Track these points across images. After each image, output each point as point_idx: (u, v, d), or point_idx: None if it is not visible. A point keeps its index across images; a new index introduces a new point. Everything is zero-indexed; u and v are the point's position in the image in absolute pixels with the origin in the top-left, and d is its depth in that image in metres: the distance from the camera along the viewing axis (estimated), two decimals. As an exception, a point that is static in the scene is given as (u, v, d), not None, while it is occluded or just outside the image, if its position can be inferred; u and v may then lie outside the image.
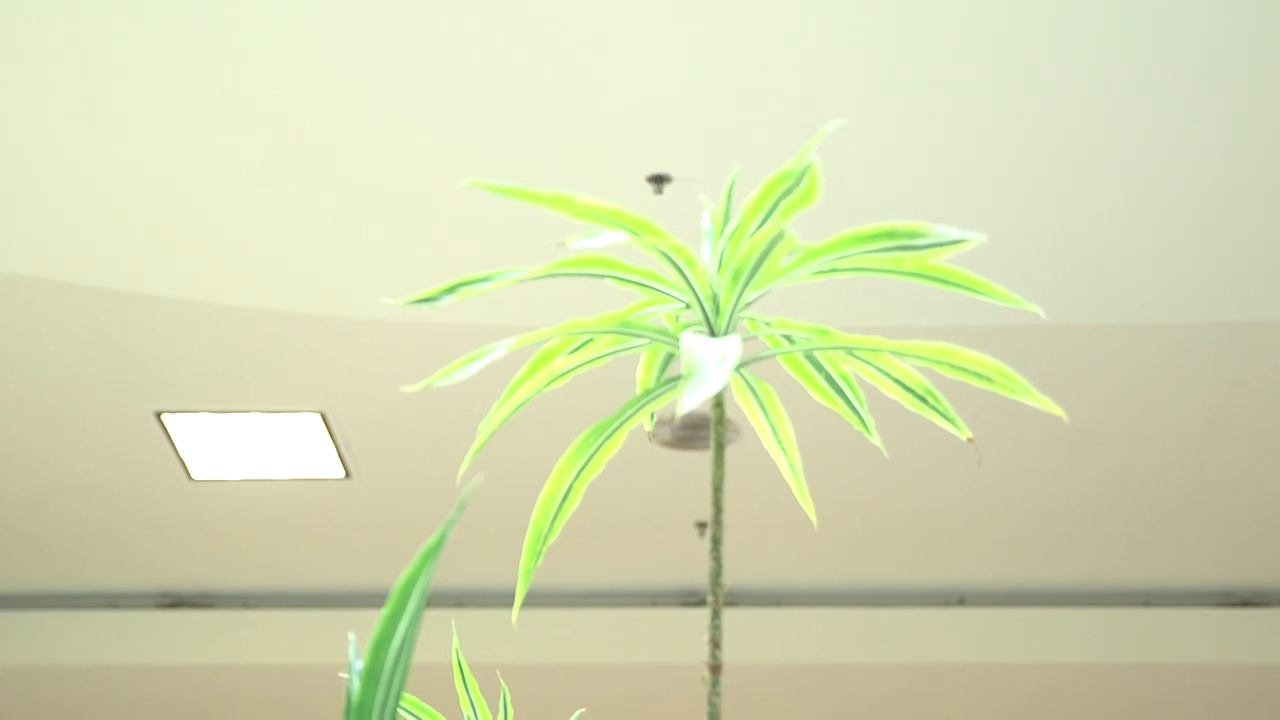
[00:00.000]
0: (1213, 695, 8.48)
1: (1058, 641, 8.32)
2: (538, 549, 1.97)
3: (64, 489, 7.74)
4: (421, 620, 1.45)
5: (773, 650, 8.41)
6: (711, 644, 1.88)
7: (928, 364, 1.72)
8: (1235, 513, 7.73)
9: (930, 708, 8.72)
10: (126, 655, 8.49)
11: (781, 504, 7.55)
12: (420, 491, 7.66)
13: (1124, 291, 6.47)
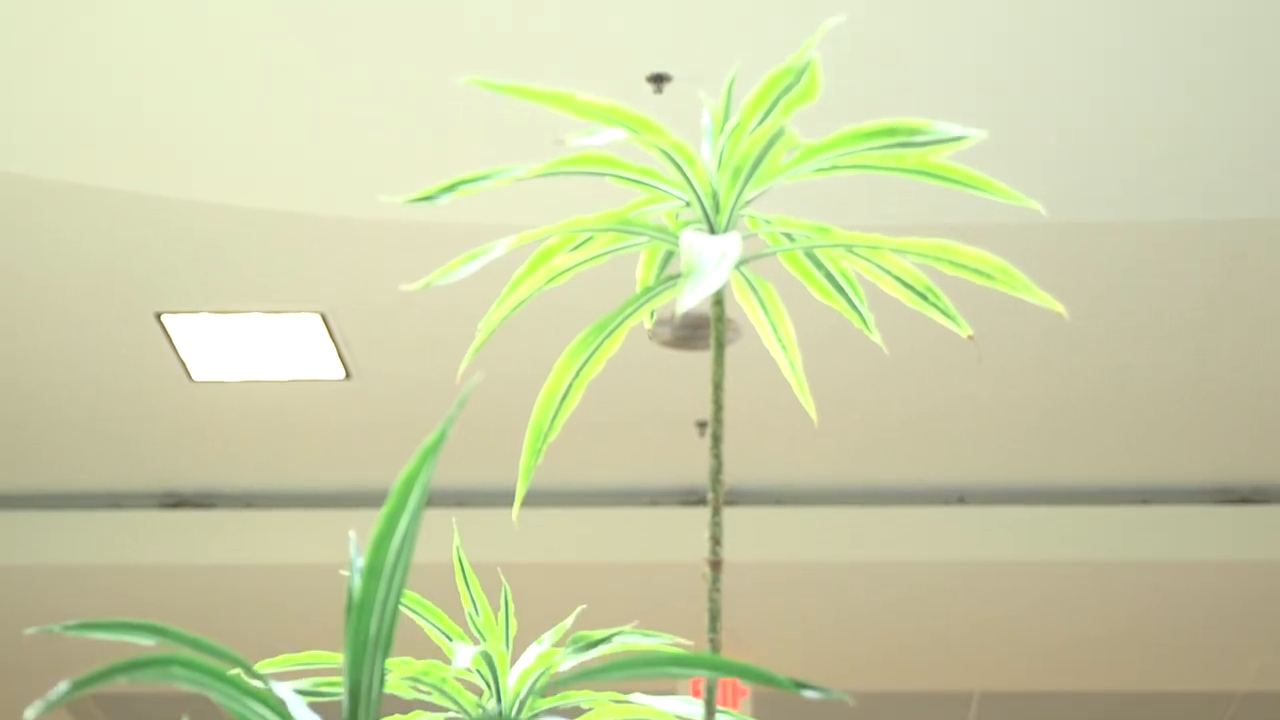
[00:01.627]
0: (1212, 592, 8.52)
1: (1057, 540, 8.35)
2: (538, 447, 1.98)
3: (65, 390, 7.75)
4: (422, 517, 1.46)
5: (773, 549, 8.44)
6: (712, 541, 1.89)
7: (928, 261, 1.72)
8: (1235, 410, 7.74)
9: (930, 606, 8.76)
10: (129, 555, 8.52)
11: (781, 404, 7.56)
12: (420, 391, 7.67)
13: (1124, 189, 6.46)
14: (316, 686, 2.12)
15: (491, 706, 2.26)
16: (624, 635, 2.30)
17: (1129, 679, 9.28)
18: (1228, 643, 8.87)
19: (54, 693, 1.34)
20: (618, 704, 2.31)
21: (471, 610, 2.37)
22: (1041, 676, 9.28)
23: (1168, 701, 9.60)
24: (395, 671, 2.22)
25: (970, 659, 9.15)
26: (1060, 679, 9.31)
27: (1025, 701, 9.72)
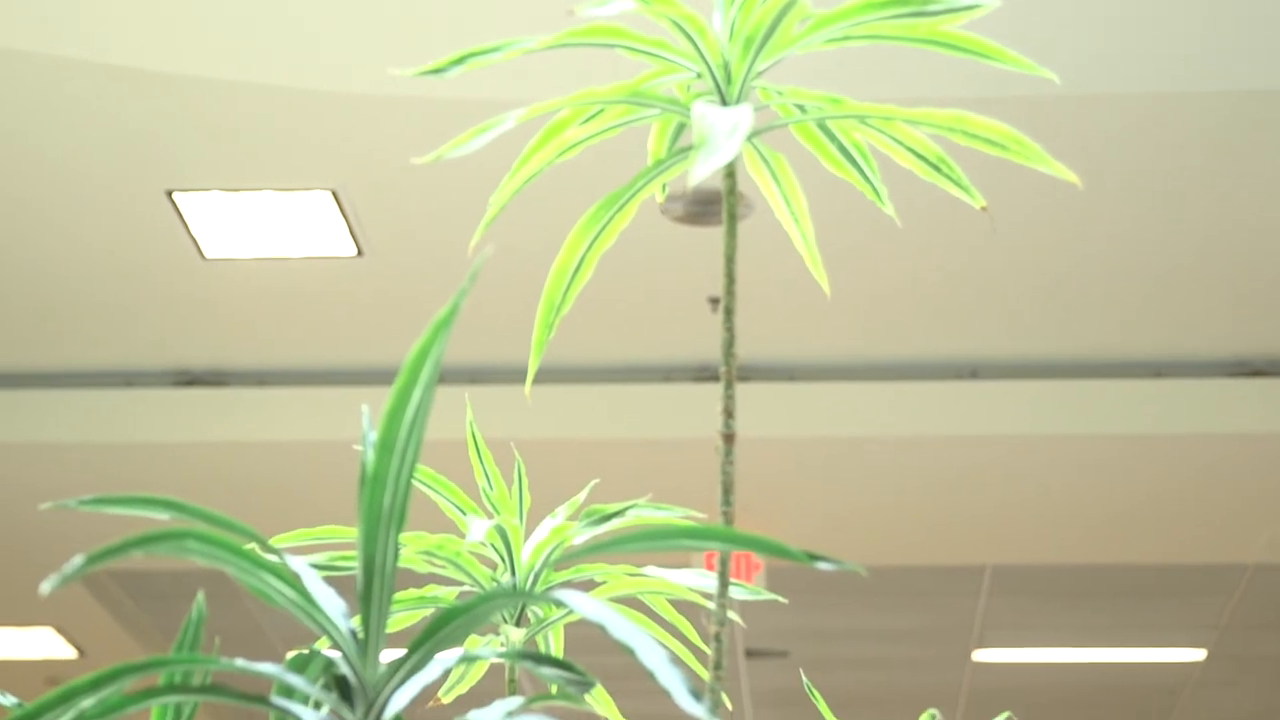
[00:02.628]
0: (1225, 465, 8.53)
1: (1070, 413, 8.35)
2: (550, 321, 1.98)
3: (77, 269, 7.75)
4: (435, 390, 1.46)
5: (786, 425, 8.46)
6: (725, 414, 1.89)
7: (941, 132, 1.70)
8: (1249, 282, 7.73)
9: (942, 480, 8.78)
10: (141, 433, 8.55)
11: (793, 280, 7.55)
12: (433, 268, 7.67)
13: (1139, 59, 6.41)
14: (331, 561, 2.13)
15: (506, 580, 2.27)
16: (637, 509, 2.31)
17: (1141, 552, 9.31)
18: (1240, 515, 8.90)
19: (69, 566, 1.35)
20: (631, 577, 2.32)
21: (485, 485, 2.38)
22: (1053, 549, 9.32)
23: (1179, 574, 9.64)
24: (409, 546, 2.23)
25: (982, 532, 9.18)
26: (1072, 552, 9.34)
27: (1037, 574, 9.76)
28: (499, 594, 1.56)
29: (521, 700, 1.67)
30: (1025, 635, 10.58)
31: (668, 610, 2.38)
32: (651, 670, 1.42)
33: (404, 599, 2.25)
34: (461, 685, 2.43)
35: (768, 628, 10.44)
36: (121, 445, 8.57)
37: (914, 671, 11.07)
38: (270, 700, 1.57)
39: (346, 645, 1.56)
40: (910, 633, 10.54)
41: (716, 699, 1.82)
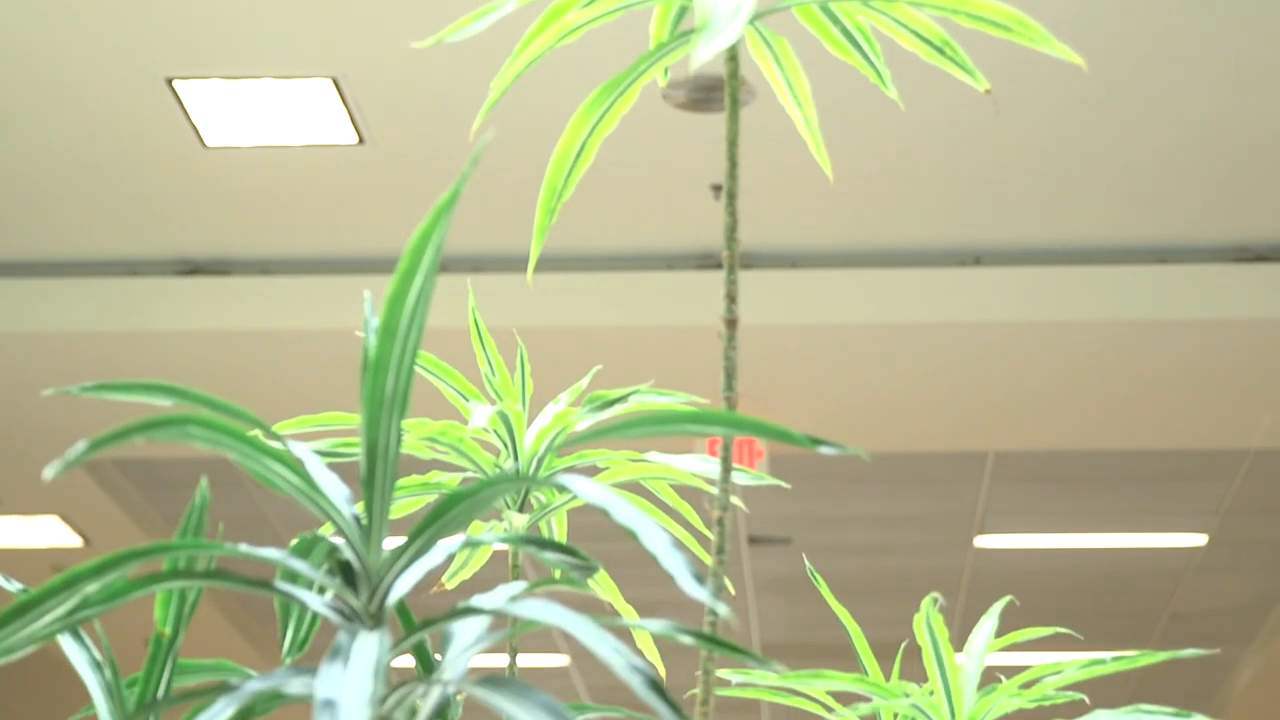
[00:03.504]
0: (1227, 350, 8.53)
1: (1072, 299, 8.35)
2: (552, 206, 1.97)
3: (78, 157, 7.73)
4: (436, 275, 1.46)
5: (789, 312, 8.45)
6: (727, 299, 1.89)
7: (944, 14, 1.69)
8: (1252, 167, 7.70)
9: (945, 367, 8.79)
10: (145, 322, 8.55)
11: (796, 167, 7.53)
12: (434, 155, 7.65)
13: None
14: (334, 447, 2.14)
15: (509, 466, 2.28)
16: (640, 395, 2.31)
17: (1143, 437, 9.33)
18: (1241, 400, 8.91)
19: (72, 452, 1.35)
20: (634, 463, 2.32)
21: (488, 371, 2.38)
22: (1055, 435, 9.34)
23: (1181, 459, 9.66)
24: (412, 432, 2.24)
25: (985, 419, 9.20)
26: (1074, 438, 9.36)
27: (1039, 460, 9.79)
28: (502, 479, 1.56)
29: (525, 585, 1.67)
30: (1027, 521, 10.62)
31: (670, 496, 2.39)
32: (654, 554, 1.43)
33: (407, 485, 2.25)
34: (465, 571, 2.44)
35: (770, 515, 10.48)
36: (124, 334, 8.57)
37: (916, 557, 11.11)
38: (274, 586, 1.57)
39: (350, 530, 1.57)
40: (912, 519, 10.58)
41: (719, 583, 1.83)
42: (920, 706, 2.27)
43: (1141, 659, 2.25)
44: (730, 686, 2.34)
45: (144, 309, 8.53)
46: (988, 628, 2.37)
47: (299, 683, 1.50)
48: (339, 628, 1.53)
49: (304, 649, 1.84)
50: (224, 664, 1.88)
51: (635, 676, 1.44)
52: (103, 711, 1.81)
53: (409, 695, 1.55)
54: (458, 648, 1.59)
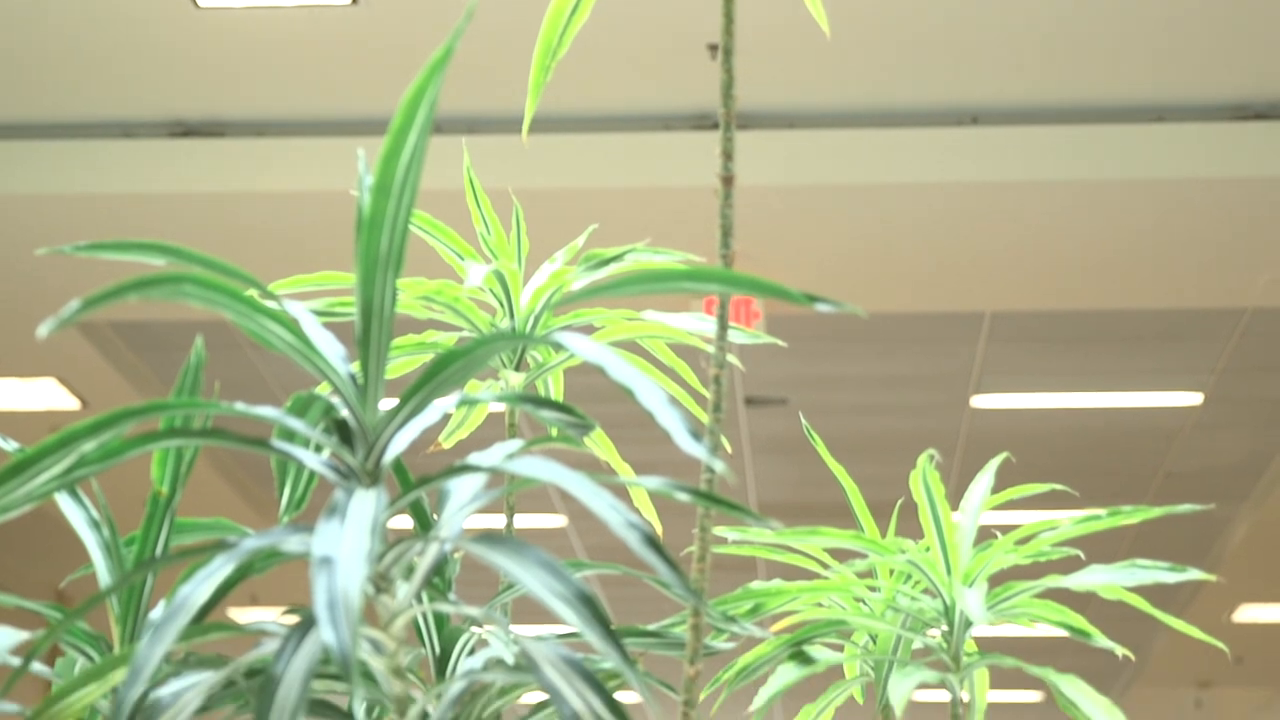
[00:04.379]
0: (1224, 209, 8.51)
1: (1070, 158, 8.32)
2: (546, 64, 1.95)
3: (70, 18, 7.67)
4: (430, 132, 1.45)
5: (786, 173, 8.42)
6: (723, 156, 1.88)
7: None
8: (1251, 25, 7.65)
9: (942, 227, 8.77)
10: (139, 184, 8.52)
11: (794, 26, 7.48)
12: (428, 14, 7.59)
13: None
14: (330, 307, 2.14)
15: (505, 324, 2.28)
16: (636, 253, 2.31)
17: (1139, 296, 9.33)
18: (1238, 259, 8.90)
19: (65, 310, 1.34)
20: (630, 321, 2.32)
21: (483, 231, 2.37)
22: (1052, 295, 9.34)
23: (1177, 318, 9.67)
24: (408, 291, 2.23)
25: (982, 278, 9.20)
26: (1071, 297, 9.36)
27: (1036, 320, 9.79)
28: (498, 337, 1.56)
29: (521, 443, 1.67)
30: (1023, 380, 10.64)
31: (667, 354, 2.39)
32: (650, 411, 1.43)
33: (403, 344, 2.25)
34: (461, 430, 2.45)
35: (767, 376, 10.50)
36: (118, 196, 8.54)
37: (912, 417, 11.14)
38: (271, 444, 1.57)
39: (346, 388, 1.57)
40: (908, 379, 10.60)
41: (716, 440, 1.83)
42: (916, 562, 2.28)
43: (1137, 514, 2.26)
44: (727, 544, 2.35)
45: (138, 171, 8.49)
46: (983, 484, 2.37)
47: (296, 540, 1.50)
48: (336, 486, 1.53)
49: (301, 507, 1.85)
50: (221, 522, 1.88)
51: (632, 533, 1.44)
52: (101, 570, 1.82)
53: (406, 552, 1.56)
54: (454, 505, 1.59)
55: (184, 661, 1.67)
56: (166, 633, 1.42)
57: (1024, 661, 2.26)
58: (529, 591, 1.48)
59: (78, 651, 1.83)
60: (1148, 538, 12.59)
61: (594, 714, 1.47)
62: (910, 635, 2.32)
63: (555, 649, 1.54)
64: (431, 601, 1.98)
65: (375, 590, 1.53)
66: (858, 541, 2.32)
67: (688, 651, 1.82)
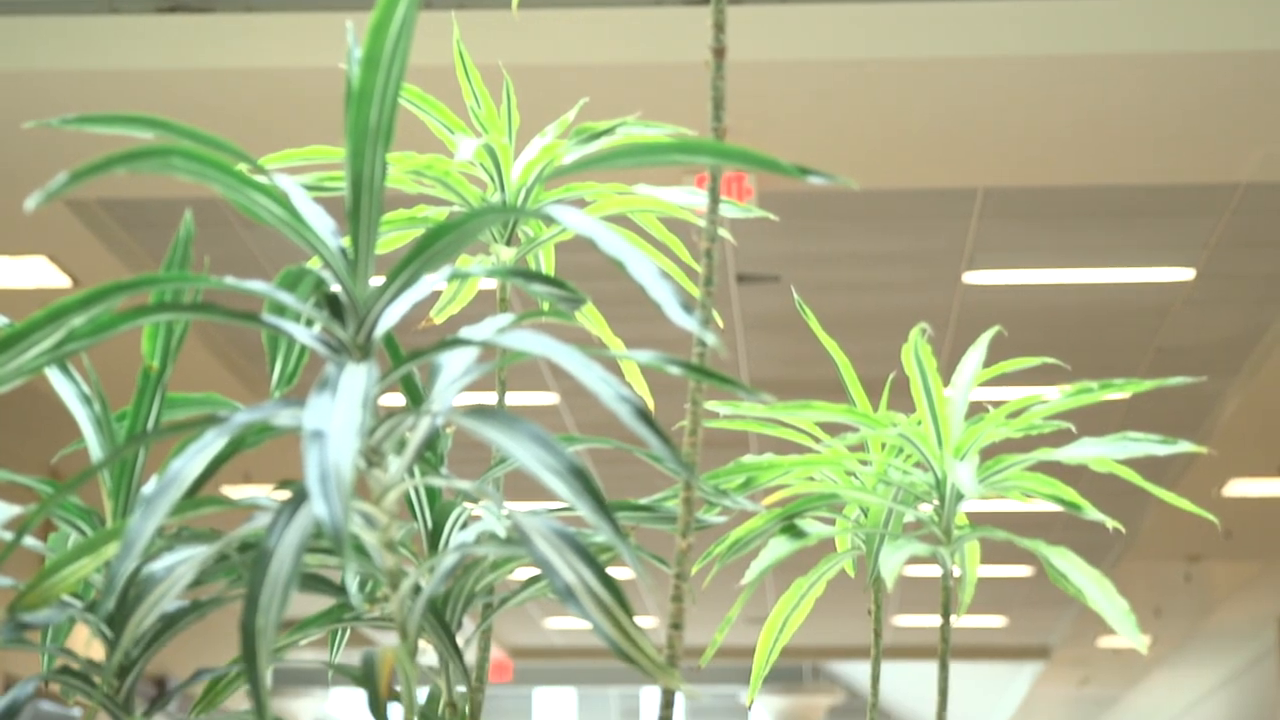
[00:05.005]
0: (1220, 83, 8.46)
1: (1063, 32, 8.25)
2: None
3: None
4: (419, 5, 1.43)
5: (778, 48, 8.37)
6: (715, 28, 1.86)
7: None
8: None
9: (934, 102, 8.73)
10: (127, 60, 8.46)
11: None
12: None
13: None
14: (319, 181, 2.13)
15: (495, 199, 2.27)
16: (627, 127, 2.29)
17: (1133, 172, 9.31)
18: (1233, 134, 8.87)
19: (54, 182, 1.34)
20: (621, 196, 2.31)
21: (474, 105, 2.36)
22: (1045, 170, 9.31)
23: (1171, 194, 9.65)
24: (398, 165, 2.22)
25: (975, 154, 9.17)
26: (1064, 173, 9.34)
27: (1028, 196, 9.77)
28: (488, 210, 1.56)
29: (512, 317, 1.67)
30: (1015, 257, 10.63)
31: (658, 229, 2.38)
32: (641, 283, 1.42)
33: (393, 219, 2.24)
34: (453, 305, 2.44)
35: (758, 253, 10.49)
36: (105, 73, 8.49)
37: (905, 294, 11.14)
38: (261, 318, 1.57)
39: (336, 263, 1.56)
40: (901, 256, 10.59)
41: (707, 314, 1.83)
42: (908, 436, 2.28)
43: (1128, 386, 2.26)
44: (719, 419, 2.35)
45: (125, 47, 8.43)
46: (975, 358, 2.37)
47: (288, 415, 1.50)
48: (327, 360, 1.53)
49: (292, 382, 1.85)
50: (213, 398, 1.88)
51: (623, 406, 1.44)
52: (93, 445, 1.82)
53: (398, 427, 1.56)
54: (446, 379, 1.59)
55: (177, 536, 1.68)
56: (158, 507, 1.42)
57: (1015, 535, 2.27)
58: (521, 465, 1.48)
59: (70, 526, 1.83)
60: (1138, 414, 12.62)
61: (586, 587, 1.48)
62: (902, 509, 2.33)
63: (547, 522, 1.55)
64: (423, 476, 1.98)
65: (367, 464, 1.53)
66: (849, 415, 2.32)
67: (679, 525, 1.83)
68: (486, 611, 2.14)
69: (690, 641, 1.89)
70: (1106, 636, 19.33)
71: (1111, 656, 20.52)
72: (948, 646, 2.25)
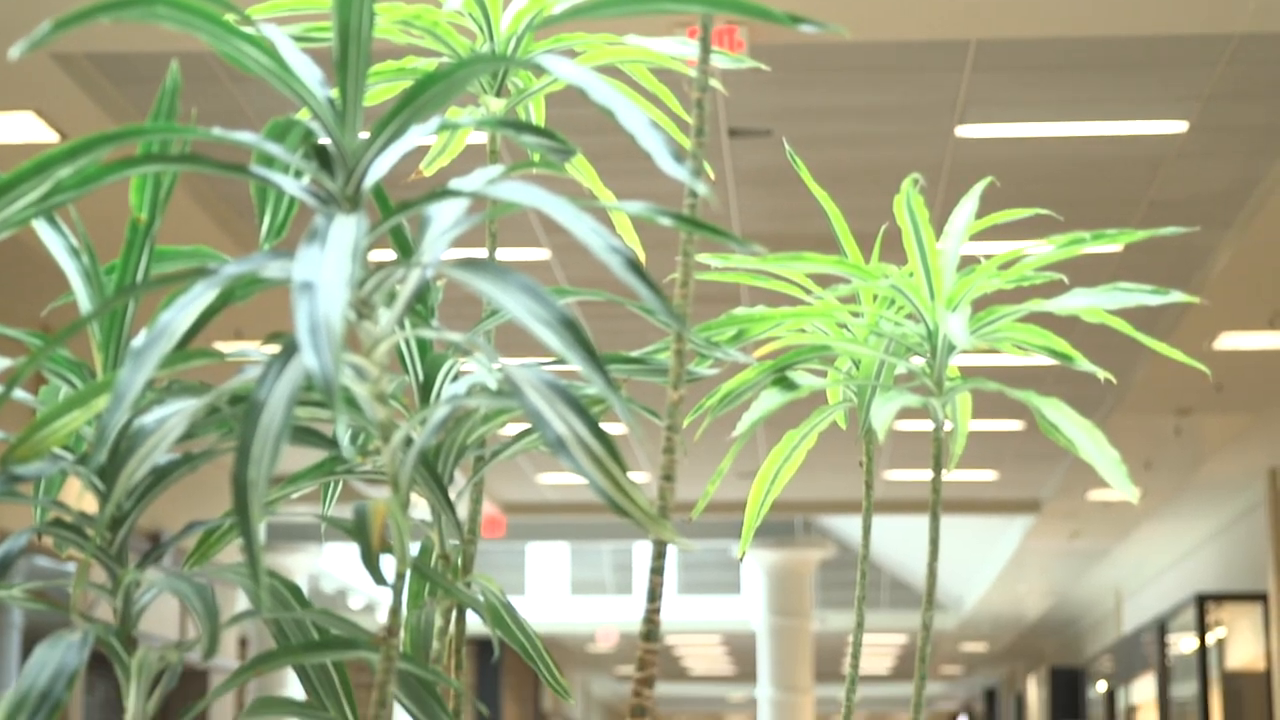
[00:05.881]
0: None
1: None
2: None
3: None
4: None
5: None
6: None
7: None
8: None
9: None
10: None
11: None
12: None
13: None
14: (307, 32, 2.11)
15: (484, 49, 2.25)
16: (617, -24, 2.27)
17: (1127, 23, 9.24)
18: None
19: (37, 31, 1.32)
20: (612, 46, 2.29)
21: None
22: (1039, 22, 9.25)
23: (1165, 45, 9.59)
24: (386, 16, 2.20)
25: (967, 5, 9.10)
26: (1057, 24, 9.27)
27: (1021, 48, 9.71)
28: (477, 59, 1.54)
29: (502, 168, 1.66)
30: (1008, 110, 10.57)
31: (649, 80, 2.37)
32: (632, 133, 1.41)
33: (382, 70, 2.23)
34: (442, 158, 2.43)
35: (750, 107, 10.43)
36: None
37: (896, 147, 11.09)
38: (250, 169, 1.56)
39: (324, 114, 1.55)
40: (893, 109, 10.53)
41: (698, 165, 1.82)
42: (900, 287, 2.28)
43: (1121, 237, 2.25)
44: (710, 270, 2.35)
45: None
46: (968, 209, 2.37)
47: (277, 266, 1.50)
48: (316, 212, 1.52)
49: (282, 234, 1.84)
50: (202, 250, 1.88)
51: (614, 257, 1.43)
52: (82, 297, 1.81)
53: (388, 279, 1.55)
54: (435, 231, 1.59)
55: (167, 389, 1.68)
56: (148, 358, 1.42)
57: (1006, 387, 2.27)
58: (511, 316, 1.48)
59: (61, 379, 1.83)
60: (1130, 270, 12.61)
61: (577, 438, 1.48)
62: (893, 360, 2.33)
63: (539, 374, 1.54)
64: (414, 328, 1.98)
65: (357, 316, 1.53)
66: (841, 266, 2.31)
67: (671, 377, 1.83)
68: (478, 464, 2.15)
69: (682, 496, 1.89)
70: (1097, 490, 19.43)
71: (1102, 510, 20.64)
72: (939, 497, 2.25)
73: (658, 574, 1.84)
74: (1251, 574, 19.08)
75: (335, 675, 1.91)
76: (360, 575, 26.28)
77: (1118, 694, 25.41)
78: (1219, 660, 19.54)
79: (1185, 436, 16.70)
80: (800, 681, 25.76)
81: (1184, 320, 13.04)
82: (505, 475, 19.95)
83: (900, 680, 44.69)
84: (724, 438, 2.34)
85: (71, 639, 1.67)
